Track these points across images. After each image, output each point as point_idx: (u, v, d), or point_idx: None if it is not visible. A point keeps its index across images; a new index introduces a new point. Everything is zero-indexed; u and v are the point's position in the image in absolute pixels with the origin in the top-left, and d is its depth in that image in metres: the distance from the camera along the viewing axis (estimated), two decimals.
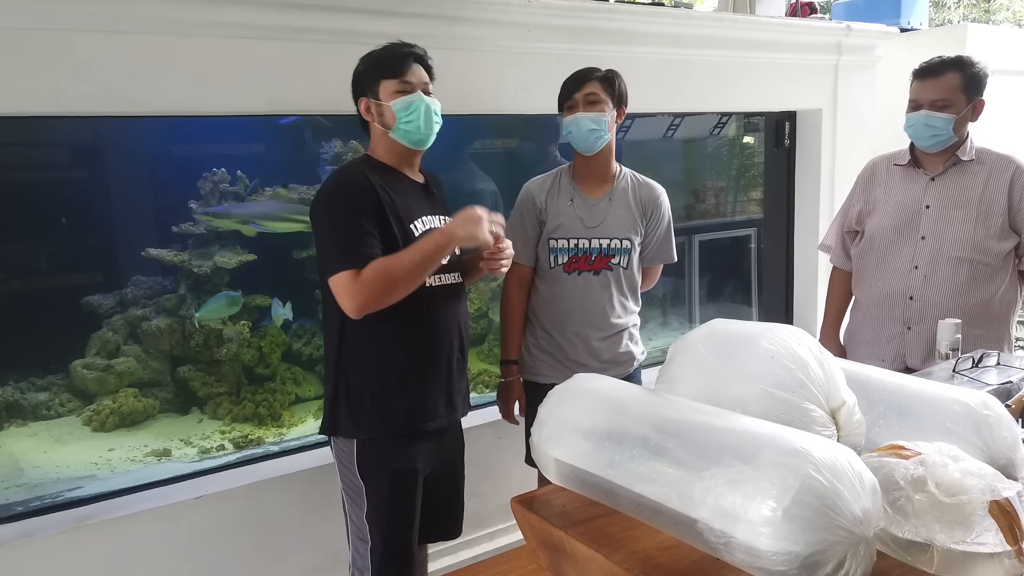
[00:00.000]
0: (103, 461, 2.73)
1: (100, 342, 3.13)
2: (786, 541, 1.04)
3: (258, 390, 3.23)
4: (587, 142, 2.21)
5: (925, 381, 1.53)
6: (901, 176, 2.37)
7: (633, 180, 2.35)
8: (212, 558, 2.33)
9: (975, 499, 1.08)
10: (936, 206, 2.28)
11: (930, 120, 2.21)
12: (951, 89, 2.20)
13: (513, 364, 2.36)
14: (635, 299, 2.39)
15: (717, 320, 1.53)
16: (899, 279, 2.31)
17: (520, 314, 2.35)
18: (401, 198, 1.84)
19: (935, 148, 2.27)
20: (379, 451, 1.85)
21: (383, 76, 1.83)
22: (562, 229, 2.27)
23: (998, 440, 1.32)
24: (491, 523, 2.86)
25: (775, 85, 3.38)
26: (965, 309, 2.23)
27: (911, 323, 2.31)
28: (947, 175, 2.29)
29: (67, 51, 1.96)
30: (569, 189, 2.30)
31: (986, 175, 2.25)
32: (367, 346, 1.83)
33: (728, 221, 4.17)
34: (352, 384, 1.85)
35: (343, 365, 1.85)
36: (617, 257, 2.29)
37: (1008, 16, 9.50)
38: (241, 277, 3.30)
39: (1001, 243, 2.23)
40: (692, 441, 1.24)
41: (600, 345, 2.30)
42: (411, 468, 1.89)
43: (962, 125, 2.23)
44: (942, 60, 2.24)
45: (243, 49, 2.18)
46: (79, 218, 3.07)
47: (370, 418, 1.84)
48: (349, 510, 1.90)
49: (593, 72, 2.21)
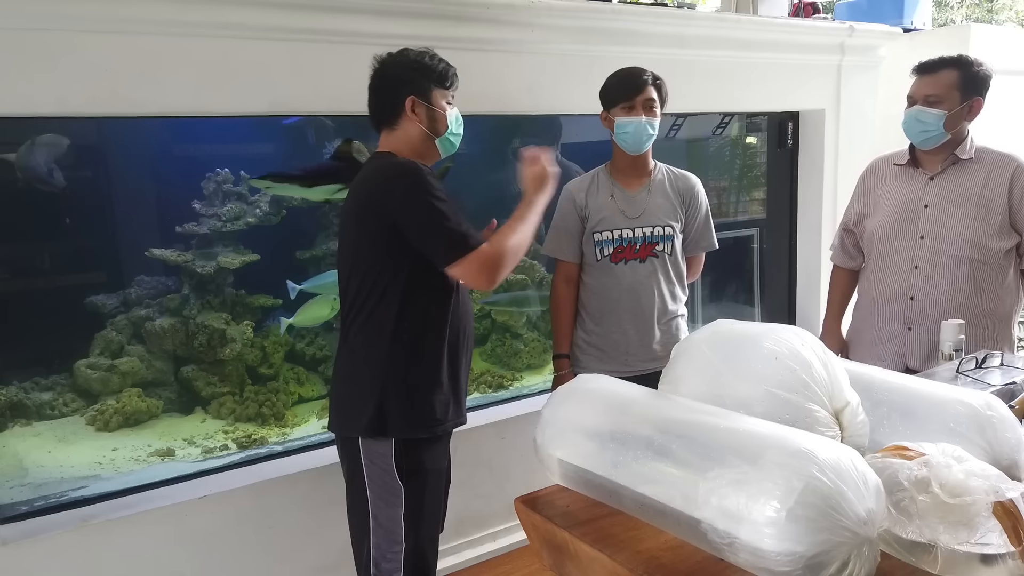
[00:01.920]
0: (107, 461, 2.74)
1: (104, 342, 3.13)
2: (790, 542, 1.04)
3: (261, 390, 3.24)
4: (640, 144, 2.32)
5: (929, 382, 1.53)
6: (900, 176, 2.37)
7: (669, 172, 2.46)
8: (216, 558, 2.33)
9: (979, 500, 1.08)
10: (935, 205, 2.27)
11: (920, 115, 2.21)
12: (945, 86, 2.20)
13: (565, 358, 2.45)
14: (682, 287, 2.47)
15: (720, 321, 1.53)
16: (899, 279, 2.31)
17: (570, 309, 2.44)
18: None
19: (926, 145, 2.26)
20: (418, 452, 1.86)
21: (436, 84, 1.89)
22: (605, 222, 2.36)
23: (1002, 441, 1.32)
24: (494, 523, 2.86)
25: (778, 85, 3.38)
26: (966, 309, 2.22)
27: (912, 323, 2.31)
28: (946, 174, 2.28)
29: (72, 52, 1.96)
30: (608, 185, 2.40)
31: (986, 174, 2.24)
32: (418, 345, 1.84)
33: (731, 221, 4.17)
34: (404, 383, 1.84)
35: (395, 364, 1.83)
36: (661, 244, 2.38)
37: (1011, 16, 9.49)
38: (244, 277, 3.30)
39: (1001, 242, 2.22)
40: (696, 442, 1.25)
41: (649, 335, 2.37)
42: (446, 467, 1.96)
43: (955, 123, 2.22)
44: (941, 58, 2.24)
45: (247, 50, 2.18)
46: (83, 218, 3.08)
47: (418, 417, 1.85)
48: (376, 512, 1.86)
49: (646, 74, 2.30)
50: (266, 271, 3.34)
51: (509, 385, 3.60)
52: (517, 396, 3.29)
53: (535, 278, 3.89)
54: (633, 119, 2.27)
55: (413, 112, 1.87)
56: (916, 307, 2.29)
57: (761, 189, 4.05)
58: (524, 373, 3.73)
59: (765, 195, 3.95)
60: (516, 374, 3.71)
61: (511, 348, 3.79)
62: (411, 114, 1.87)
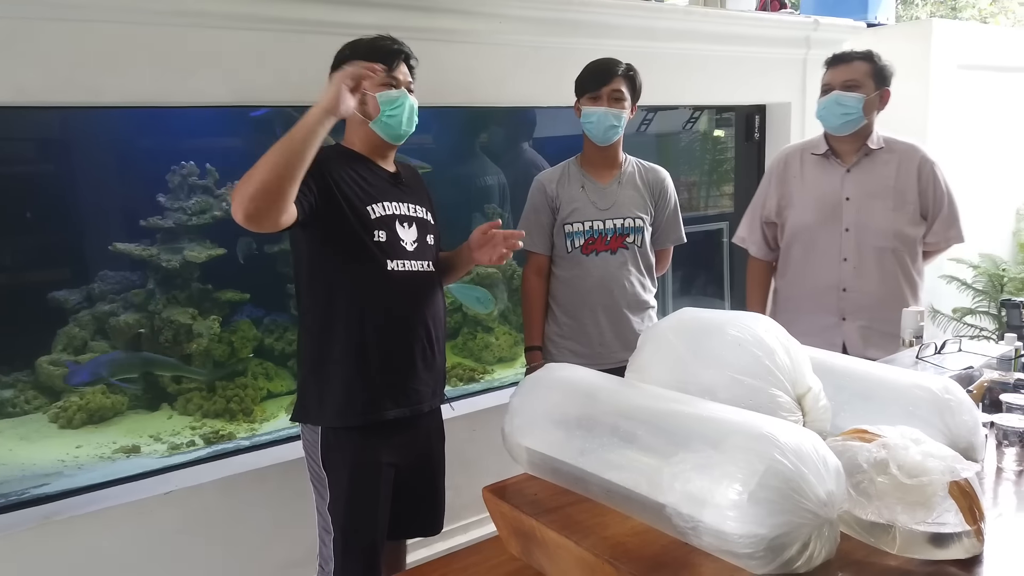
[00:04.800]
0: (70, 458, 2.69)
1: (67, 338, 3.07)
2: (752, 524, 1.05)
3: (229, 385, 3.20)
4: (605, 136, 2.32)
5: (889, 367, 1.56)
6: (817, 167, 2.42)
7: (639, 165, 2.47)
8: (183, 553, 2.30)
9: (936, 480, 1.10)
10: (856, 197, 2.35)
11: (841, 99, 2.28)
12: (861, 73, 2.29)
13: (538, 350, 2.46)
14: (652, 279, 2.48)
15: (686, 309, 1.54)
16: (830, 272, 2.38)
17: (541, 300, 2.45)
18: (363, 181, 1.84)
19: (845, 129, 2.32)
20: (340, 441, 1.84)
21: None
22: (576, 214, 2.37)
23: (959, 424, 1.35)
24: (465, 515, 2.86)
25: (745, 79, 3.42)
26: (896, 296, 2.32)
27: (846, 314, 2.38)
28: (861, 165, 2.36)
29: (29, 40, 1.92)
30: (579, 176, 2.41)
31: (896, 163, 2.34)
32: (329, 332, 1.82)
33: (701, 215, 4.21)
34: (317, 370, 1.84)
35: (309, 351, 1.86)
36: (631, 236, 2.39)
37: (973, 13, 9.67)
38: (211, 271, 3.26)
39: (916, 229, 2.34)
40: (661, 428, 1.25)
41: (622, 327, 2.38)
42: (373, 461, 1.86)
43: (870, 109, 2.30)
44: (853, 51, 2.35)
45: (211, 39, 2.15)
46: (44, 212, 3.01)
47: (332, 406, 1.83)
48: (316, 499, 1.90)
49: (618, 67, 2.30)
50: (233, 265, 3.30)
51: (480, 378, 3.60)
52: (488, 389, 3.30)
53: (506, 271, 3.89)
54: (597, 109, 2.28)
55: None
56: (849, 298, 2.36)
57: (729, 183, 4.09)
58: (495, 366, 3.73)
59: (733, 189, 4.00)
60: (487, 367, 3.71)
61: (482, 341, 3.79)
62: None
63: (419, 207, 1.94)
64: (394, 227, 1.85)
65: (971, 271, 3.95)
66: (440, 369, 2.01)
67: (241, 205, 1.54)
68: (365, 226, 1.81)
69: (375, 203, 1.84)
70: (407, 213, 1.89)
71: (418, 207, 1.94)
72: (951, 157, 3.78)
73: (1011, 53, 4.16)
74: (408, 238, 1.87)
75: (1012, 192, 4.39)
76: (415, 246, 1.88)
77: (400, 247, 1.85)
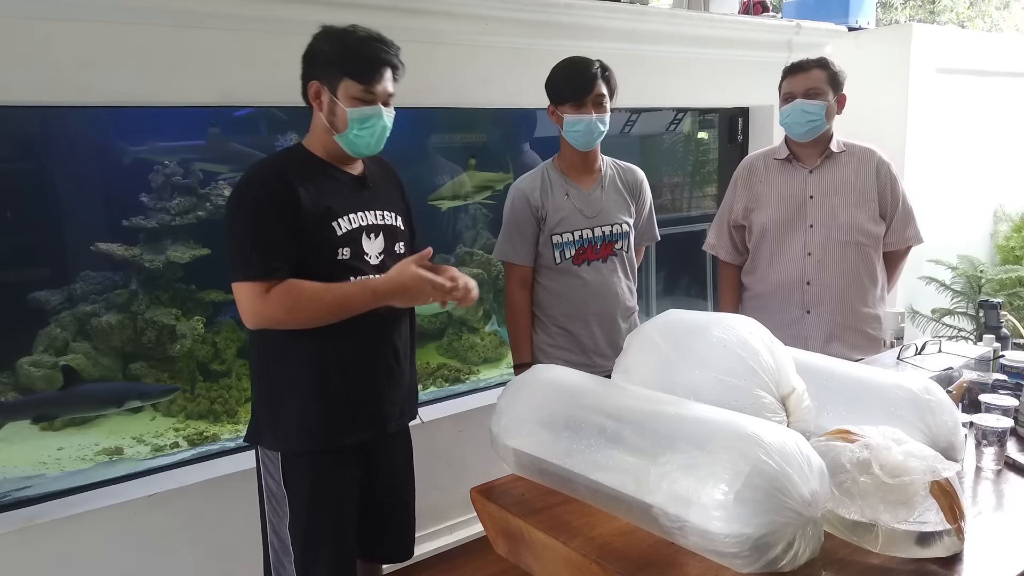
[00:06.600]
0: (52, 460, 2.66)
1: (48, 339, 3.04)
2: (738, 523, 1.07)
3: (213, 386, 3.18)
4: (592, 141, 2.25)
5: (871, 368, 1.58)
6: (780, 171, 2.49)
7: (616, 167, 2.41)
8: (168, 556, 2.29)
9: (917, 480, 1.12)
10: (819, 196, 2.42)
11: (806, 107, 2.33)
12: (819, 80, 2.35)
13: (528, 367, 2.33)
14: (635, 280, 2.46)
15: (672, 310, 1.56)
16: (794, 266, 2.44)
17: (528, 315, 2.36)
18: (326, 194, 1.69)
19: (809, 136, 2.38)
20: (301, 466, 1.73)
21: (348, 75, 1.66)
22: (564, 223, 2.28)
23: (940, 424, 1.37)
24: (451, 516, 2.86)
25: (728, 81, 3.44)
26: (858, 290, 2.39)
27: (810, 307, 2.43)
28: (823, 167, 2.43)
29: (13, 38, 1.90)
30: (561, 183, 2.31)
31: (856, 164, 2.42)
32: (284, 352, 1.70)
33: (683, 216, 4.23)
34: (271, 392, 1.74)
35: (263, 372, 1.75)
36: (620, 242, 2.35)
37: (952, 17, 9.79)
38: (194, 271, 3.24)
39: (877, 227, 2.41)
40: (647, 428, 1.27)
41: (615, 333, 2.35)
42: (337, 477, 1.76)
43: (831, 114, 2.37)
44: (808, 59, 2.40)
45: (196, 39, 2.14)
46: (24, 211, 2.98)
47: (288, 430, 1.72)
48: (271, 517, 1.78)
49: (594, 68, 2.20)
50: (217, 265, 3.28)
51: (466, 379, 3.60)
52: (474, 389, 3.30)
53: (492, 274, 3.89)
54: (584, 117, 2.18)
55: (317, 99, 1.68)
56: (812, 292, 2.42)
57: (713, 184, 4.12)
58: (481, 367, 3.74)
59: (716, 190, 4.02)
60: (472, 368, 3.72)
61: (467, 342, 3.79)
62: (315, 100, 1.69)
63: (387, 212, 1.80)
64: (359, 241, 1.72)
65: (949, 272, 4.00)
66: (409, 385, 1.90)
67: (273, 321, 1.62)
68: (331, 243, 1.68)
69: (340, 217, 1.69)
70: (374, 222, 1.76)
71: (386, 212, 1.80)
72: (930, 160, 3.84)
73: (988, 57, 4.22)
74: (373, 251, 1.74)
75: (989, 194, 4.45)
76: (380, 259, 1.75)
77: (364, 262, 1.72)
